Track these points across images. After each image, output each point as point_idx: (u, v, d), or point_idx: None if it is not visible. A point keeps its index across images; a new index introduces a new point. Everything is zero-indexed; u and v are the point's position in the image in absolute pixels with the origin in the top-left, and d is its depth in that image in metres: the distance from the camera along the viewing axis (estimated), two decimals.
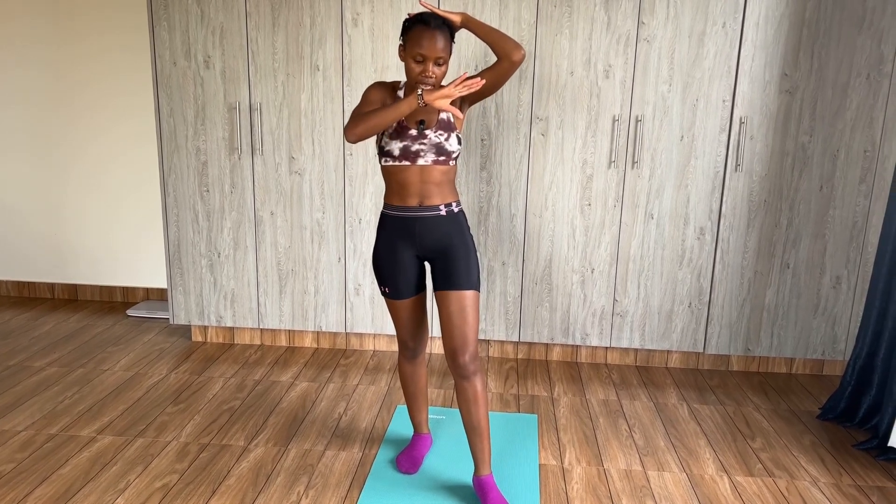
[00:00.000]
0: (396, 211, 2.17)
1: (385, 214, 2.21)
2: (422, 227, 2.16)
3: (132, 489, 2.31)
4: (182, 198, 3.37)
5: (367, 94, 2.14)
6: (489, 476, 2.23)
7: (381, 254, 2.23)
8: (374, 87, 2.16)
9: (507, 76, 2.15)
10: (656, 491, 2.38)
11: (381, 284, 2.27)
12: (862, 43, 2.99)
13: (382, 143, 2.12)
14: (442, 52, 2.02)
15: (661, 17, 3.03)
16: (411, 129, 2.09)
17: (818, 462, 2.59)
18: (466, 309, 2.13)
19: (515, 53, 2.10)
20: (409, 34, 2.04)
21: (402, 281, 2.22)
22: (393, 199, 2.17)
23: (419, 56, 2.02)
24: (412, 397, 2.50)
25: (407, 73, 2.08)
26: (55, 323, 3.82)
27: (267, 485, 2.35)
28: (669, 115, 3.12)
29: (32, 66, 3.93)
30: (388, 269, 2.22)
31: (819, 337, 3.28)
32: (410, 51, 2.03)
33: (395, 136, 2.10)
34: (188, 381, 3.14)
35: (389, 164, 2.13)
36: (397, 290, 2.24)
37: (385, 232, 2.21)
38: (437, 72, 2.04)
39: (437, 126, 2.12)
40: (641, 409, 2.98)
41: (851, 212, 3.15)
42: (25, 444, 2.57)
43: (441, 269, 2.17)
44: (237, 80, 3.22)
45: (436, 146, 2.10)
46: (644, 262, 3.27)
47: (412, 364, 2.43)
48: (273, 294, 3.44)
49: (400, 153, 2.10)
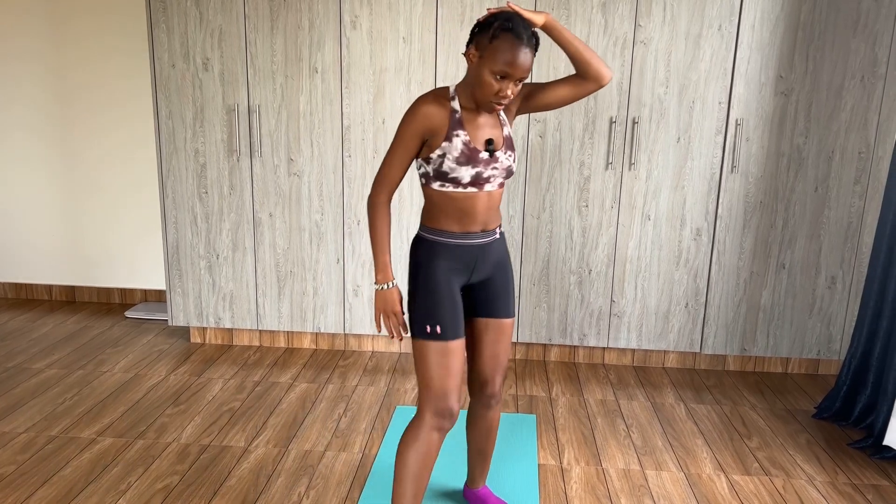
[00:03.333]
0: (457, 239, 1.88)
1: (438, 243, 1.87)
2: (482, 254, 1.92)
3: (133, 490, 2.32)
4: (181, 200, 3.38)
5: (407, 129, 1.78)
6: (486, 487, 2.26)
7: (438, 289, 1.86)
8: (418, 115, 1.76)
9: (583, 97, 1.92)
10: (654, 490, 2.40)
11: (429, 323, 1.86)
12: (856, 45, 3.01)
13: (445, 169, 1.79)
14: (528, 70, 1.72)
15: (658, 19, 3.06)
16: (481, 151, 1.81)
17: (814, 461, 2.61)
18: (508, 337, 2.02)
19: (606, 75, 1.87)
20: (493, 44, 1.70)
21: (458, 316, 1.88)
22: (451, 225, 1.86)
23: (503, 73, 1.70)
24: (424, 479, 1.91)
25: (476, 87, 1.75)
26: (54, 325, 3.82)
27: (268, 486, 2.37)
28: (666, 117, 3.14)
29: (31, 68, 3.93)
30: (445, 304, 1.86)
31: (814, 337, 3.31)
32: (491, 64, 1.70)
33: (466, 162, 1.78)
34: (188, 382, 3.15)
35: (451, 191, 1.83)
36: (455, 327, 1.87)
37: (442, 262, 1.88)
38: (515, 90, 1.75)
39: (504, 145, 1.86)
40: (639, 409, 3.00)
41: (846, 212, 3.18)
42: (26, 446, 2.58)
43: (487, 295, 1.98)
44: (236, 82, 3.23)
45: (506, 169, 1.87)
46: (641, 263, 3.29)
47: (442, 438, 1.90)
48: (272, 295, 3.45)
49: (470, 180, 1.81)
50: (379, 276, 1.86)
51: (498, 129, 1.86)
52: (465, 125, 1.80)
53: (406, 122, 1.78)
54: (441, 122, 1.77)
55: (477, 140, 1.80)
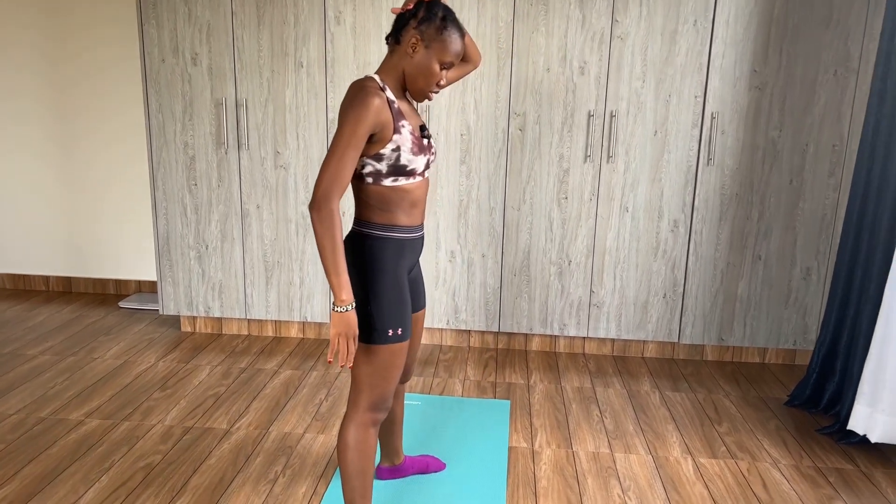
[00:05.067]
0: (408, 233, 1.84)
1: (393, 240, 1.81)
2: (420, 247, 1.94)
3: (116, 468, 2.40)
4: (171, 191, 3.47)
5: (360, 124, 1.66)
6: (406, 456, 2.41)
7: (394, 288, 1.81)
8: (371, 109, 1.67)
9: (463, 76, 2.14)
10: (621, 471, 2.47)
11: (391, 327, 1.80)
12: (829, 40, 3.07)
13: (403, 162, 1.75)
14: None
15: (635, 15, 3.12)
16: (423, 139, 1.82)
17: (781, 445, 2.67)
18: (423, 322, 2.10)
19: (479, 58, 2.10)
20: (443, 35, 1.74)
21: (410, 314, 1.87)
22: (401, 219, 1.82)
23: (451, 63, 1.78)
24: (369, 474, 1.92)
25: (421, 76, 1.77)
26: (49, 314, 3.92)
27: (246, 464, 2.45)
28: (643, 111, 3.20)
29: (27, 60, 4.03)
30: (405, 304, 1.83)
31: (790, 327, 3.37)
32: (441, 55, 1.75)
33: (419, 151, 1.78)
34: (175, 368, 3.24)
35: (404, 184, 1.79)
36: (409, 327, 1.86)
37: (395, 261, 1.82)
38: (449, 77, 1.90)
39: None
40: (614, 396, 3.07)
41: (821, 205, 3.23)
42: (16, 426, 2.67)
43: (418, 288, 2.02)
44: (223, 76, 3.31)
45: (435, 153, 1.93)
46: (620, 254, 3.36)
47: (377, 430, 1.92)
48: (259, 285, 3.54)
49: (423, 169, 1.82)
50: (343, 296, 1.67)
51: (417, 114, 1.88)
52: (405, 115, 1.79)
53: (354, 117, 1.65)
54: (387, 115, 1.71)
55: (415, 128, 1.80)
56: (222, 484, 2.33)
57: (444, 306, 3.48)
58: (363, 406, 1.85)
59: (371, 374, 1.82)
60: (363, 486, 1.89)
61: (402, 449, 2.35)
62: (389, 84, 1.79)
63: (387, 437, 2.30)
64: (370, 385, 1.83)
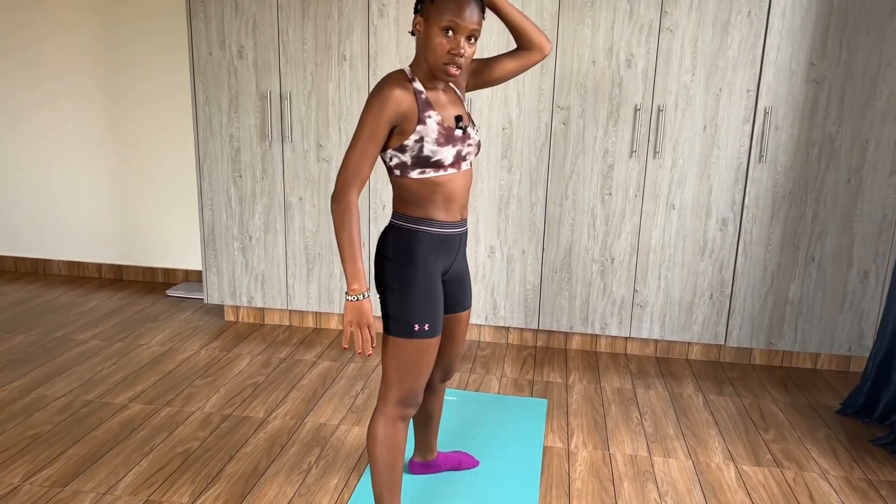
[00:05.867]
0: (443, 228, 1.80)
1: (423, 233, 1.78)
2: (461, 244, 1.88)
3: (156, 452, 2.45)
4: (216, 183, 3.53)
5: (377, 117, 1.65)
6: (440, 452, 2.39)
7: (424, 283, 1.78)
8: (389, 101, 1.65)
9: (527, 68, 1.96)
10: (659, 476, 2.40)
11: (418, 322, 1.78)
12: (893, 32, 2.91)
13: (426, 153, 1.70)
14: (478, 23, 1.65)
15: (685, 6, 3.02)
16: (454, 129, 1.75)
17: (830, 455, 2.56)
18: (468, 323, 2.06)
19: (547, 46, 1.93)
20: (436, 2, 1.64)
21: (441, 312, 1.83)
22: (436, 213, 1.78)
23: (450, 27, 1.63)
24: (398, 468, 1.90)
25: (428, 52, 1.68)
26: (100, 300, 4.04)
27: (281, 454, 2.47)
28: (692, 105, 3.10)
29: (85, 62, 4.15)
30: (435, 301, 1.80)
31: (845, 332, 3.22)
32: (437, 20, 1.63)
33: (446, 142, 1.71)
34: (217, 357, 3.29)
35: (433, 177, 1.74)
36: (439, 323, 1.82)
37: (426, 255, 1.78)
38: (468, 50, 1.67)
39: (469, 120, 1.83)
40: (655, 399, 2.99)
41: (881, 205, 3.08)
42: (64, 408, 2.75)
43: (458, 289, 1.97)
44: (268, 69, 3.35)
45: (477, 145, 1.83)
46: (665, 253, 3.27)
47: (407, 425, 1.91)
48: (301, 277, 3.57)
49: (452, 161, 1.75)
50: (355, 286, 1.68)
51: (460, 105, 1.83)
52: (434, 105, 1.74)
53: (375, 109, 1.65)
54: (410, 106, 1.68)
55: (447, 119, 1.75)
56: (256, 472, 2.35)
57: (483, 302, 3.45)
58: (392, 400, 1.84)
59: (398, 368, 1.81)
60: (391, 480, 1.88)
61: (436, 445, 2.33)
62: (419, 74, 1.75)
63: (422, 433, 2.28)
64: (398, 380, 1.82)
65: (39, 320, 3.69)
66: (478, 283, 3.43)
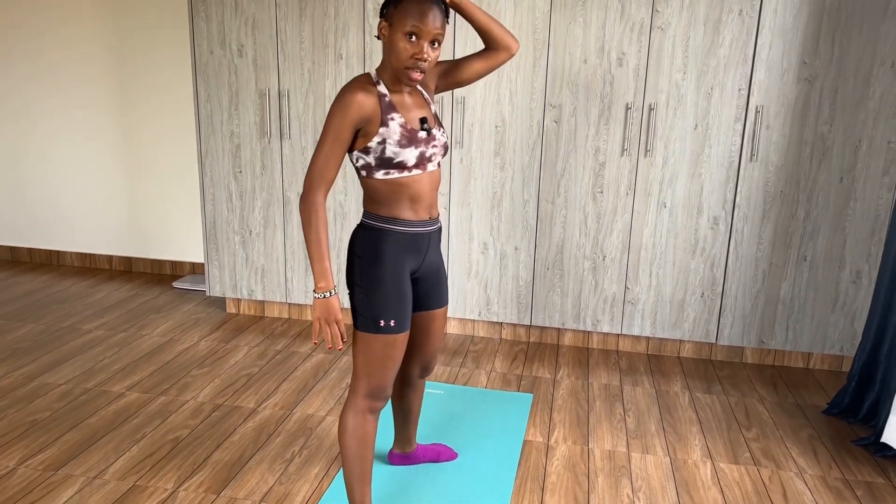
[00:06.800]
0: (411, 227, 1.85)
1: (390, 231, 1.83)
2: (431, 242, 1.93)
3: (147, 439, 2.55)
4: (217, 178, 3.61)
5: (339, 121, 1.70)
6: (419, 444, 2.45)
7: (390, 280, 1.83)
8: (351, 105, 1.70)
9: (496, 68, 2.00)
10: (635, 472, 2.43)
11: (384, 318, 1.83)
12: (886, 30, 2.89)
13: (389, 155, 1.75)
14: (441, 28, 1.70)
15: (676, 4, 3.02)
16: (419, 131, 1.80)
17: (810, 455, 2.56)
18: (444, 320, 2.09)
19: (515, 45, 1.97)
20: (400, 7, 1.69)
21: (409, 308, 1.89)
22: (403, 212, 1.83)
23: (413, 32, 1.68)
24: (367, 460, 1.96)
25: (392, 56, 1.72)
26: (109, 291, 4.16)
27: (267, 443, 2.55)
28: (683, 104, 3.11)
29: (93, 54, 4.26)
30: (401, 298, 1.85)
31: (837, 332, 3.21)
32: (401, 25, 1.68)
33: (408, 143, 1.76)
34: (216, 347, 3.38)
35: (398, 177, 1.79)
36: (406, 319, 1.87)
37: (395, 252, 1.84)
38: (431, 54, 1.71)
39: (436, 123, 1.88)
40: (641, 395, 3.01)
41: (874, 204, 3.06)
42: (63, 395, 2.86)
43: (431, 286, 2.01)
44: (267, 67, 3.42)
45: (444, 146, 1.87)
46: (656, 251, 3.28)
47: (376, 417, 1.95)
48: (299, 271, 3.64)
49: (416, 162, 1.79)
50: (322, 284, 1.74)
51: (426, 108, 1.87)
52: (397, 108, 1.78)
53: (337, 113, 1.71)
54: (373, 109, 1.73)
55: (411, 121, 1.79)
56: (241, 461, 2.43)
57: (477, 298, 3.50)
58: (361, 393, 1.90)
59: (366, 362, 1.87)
60: (361, 470, 1.94)
61: (415, 438, 2.39)
62: (384, 78, 1.80)
63: (401, 426, 2.34)
64: (367, 373, 1.88)
65: (49, 310, 3.82)
66: (471, 279, 3.48)
